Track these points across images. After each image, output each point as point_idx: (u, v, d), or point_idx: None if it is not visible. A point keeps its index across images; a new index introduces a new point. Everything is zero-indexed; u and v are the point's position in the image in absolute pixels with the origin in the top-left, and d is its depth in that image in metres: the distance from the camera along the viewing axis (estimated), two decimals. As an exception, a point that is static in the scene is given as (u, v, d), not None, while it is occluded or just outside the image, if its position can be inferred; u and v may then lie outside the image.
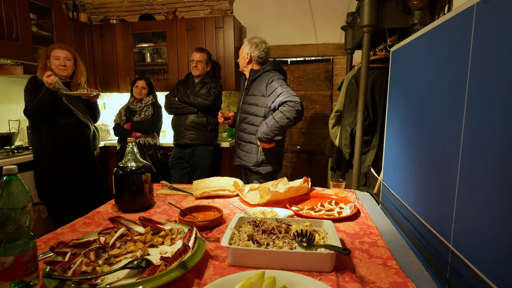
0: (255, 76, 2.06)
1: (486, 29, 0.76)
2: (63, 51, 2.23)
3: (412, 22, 1.85)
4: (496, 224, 0.72)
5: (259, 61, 2.10)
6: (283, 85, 1.95)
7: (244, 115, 2.11)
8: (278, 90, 1.93)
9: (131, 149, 1.23)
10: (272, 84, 1.96)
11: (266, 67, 2.05)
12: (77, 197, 2.35)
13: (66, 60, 2.24)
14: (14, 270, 0.68)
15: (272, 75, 1.99)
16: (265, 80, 2.00)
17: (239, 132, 2.16)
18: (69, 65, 2.26)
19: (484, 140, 0.76)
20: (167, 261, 0.74)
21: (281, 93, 1.91)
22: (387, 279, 0.76)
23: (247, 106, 2.09)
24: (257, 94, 2.04)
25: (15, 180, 0.70)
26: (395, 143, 1.53)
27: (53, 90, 2.16)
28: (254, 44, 2.09)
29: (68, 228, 1.07)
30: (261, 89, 2.01)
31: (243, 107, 2.12)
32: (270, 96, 1.96)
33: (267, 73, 2.02)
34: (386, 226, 1.16)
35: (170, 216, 1.17)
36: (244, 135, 2.11)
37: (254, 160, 2.07)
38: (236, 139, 2.23)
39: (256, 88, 2.05)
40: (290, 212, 1.16)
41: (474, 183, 0.80)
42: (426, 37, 1.16)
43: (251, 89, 2.08)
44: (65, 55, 2.23)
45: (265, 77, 2.01)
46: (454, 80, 0.92)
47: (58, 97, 2.21)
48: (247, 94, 2.10)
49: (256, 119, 2.04)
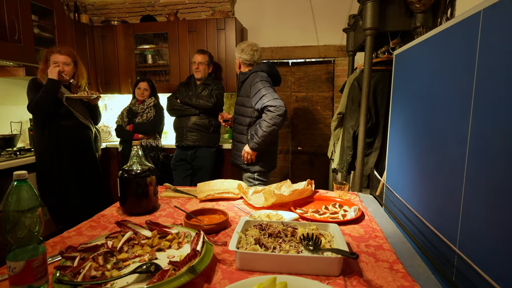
0: (243, 78, 2.19)
1: (492, 35, 0.77)
2: (62, 56, 2.23)
3: (414, 25, 1.86)
4: (503, 227, 0.72)
5: (248, 63, 2.23)
6: (266, 87, 2.01)
7: (235, 115, 2.27)
8: (262, 91, 2.00)
9: (136, 152, 1.23)
10: (256, 85, 2.04)
11: (253, 69, 2.15)
12: (79, 198, 2.36)
13: (65, 65, 2.24)
14: (24, 275, 0.68)
15: (257, 77, 2.08)
16: (249, 82, 2.11)
17: (233, 132, 2.32)
18: (67, 70, 2.26)
19: (491, 143, 0.77)
20: (176, 266, 0.74)
21: (264, 95, 1.99)
22: (394, 283, 0.76)
23: (238, 107, 2.23)
24: (244, 95, 2.16)
25: (25, 185, 0.71)
26: (399, 145, 1.54)
27: (57, 80, 2.16)
28: (240, 49, 2.22)
29: (74, 231, 1.07)
30: (247, 90, 2.12)
31: (235, 109, 2.27)
32: (254, 97, 2.05)
33: (253, 74, 2.12)
34: (390, 229, 1.17)
35: (175, 219, 1.18)
36: (236, 135, 2.25)
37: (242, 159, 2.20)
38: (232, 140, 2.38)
39: (244, 89, 2.18)
40: (295, 215, 1.16)
41: (481, 186, 0.81)
42: (430, 42, 1.16)
43: (241, 91, 2.21)
44: (64, 60, 2.24)
45: (251, 79, 2.12)
46: (460, 85, 0.92)
47: (60, 95, 2.20)
48: (238, 96, 2.26)
49: (244, 119, 2.17)
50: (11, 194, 0.69)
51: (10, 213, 0.68)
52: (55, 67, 2.17)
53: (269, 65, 2.21)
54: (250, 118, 2.13)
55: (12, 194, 0.69)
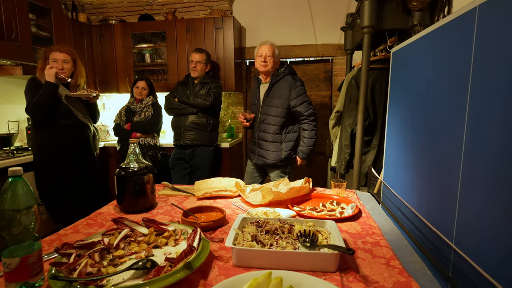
0: (277, 79, 2.22)
1: (488, 30, 0.77)
2: (61, 53, 2.23)
3: (412, 23, 1.86)
4: (498, 223, 0.72)
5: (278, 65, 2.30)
6: (304, 94, 2.19)
7: (264, 116, 2.25)
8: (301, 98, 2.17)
9: (133, 150, 1.23)
10: (297, 89, 2.18)
11: (285, 71, 2.23)
12: (78, 197, 2.35)
13: (64, 63, 2.24)
14: (20, 272, 0.68)
15: (297, 81, 2.21)
16: (288, 84, 2.18)
17: (260, 132, 2.29)
18: (67, 68, 2.25)
19: (487, 140, 0.77)
20: (172, 262, 0.74)
21: (303, 103, 2.17)
22: (391, 278, 0.76)
23: (268, 107, 2.23)
24: (278, 96, 2.20)
25: (20, 181, 0.70)
26: (396, 143, 1.54)
27: (54, 84, 2.16)
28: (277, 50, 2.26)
29: (71, 229, 1.07)
30: (284, 91, 2.18)
31: (264, 109, 2.25)
32: (294, 99, 2.17)
33: (287, 77, 2.21)
34: (387, 226, 1.17)
35: (172, 217, 1.18)
36: (266, 135, 2.26)
37: (277, 157, 2.24)
38: (256, 139, 2.34)
39: (277, 90, 2.21)
40: (292, 213, 1.16)
41: (477, 183, 0.81)
42: (427, 39, 1.16)
43: (272, 91, 2.23)
44: (64, 57, 2.23)
45: (287, 81, 2.19)
46: (456, 82, 0.92)
47: (59, 94, 2.20)
48: (268, 96, 2.24)
49: (275, 119, 2.22)
50: (6, 191, 0.68)
51: (5, 210, 0.67)
52: (52, 68, 2.15)
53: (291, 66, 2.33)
54: (282, 118, 2.20)
55: (7, 191, 0.68)
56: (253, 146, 2.37)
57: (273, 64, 2.22)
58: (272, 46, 2.22)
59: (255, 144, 2.34)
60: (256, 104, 2.34)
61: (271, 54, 2.20)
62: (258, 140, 2.30)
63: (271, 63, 2.20)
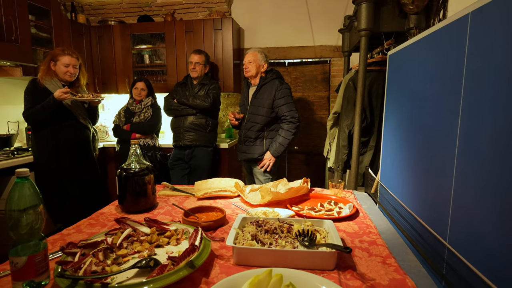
0: (265, 82, 2.39)
1: (480, 36, 0.80)
2: (73, 58, 2.28)
3: (408, 26, 1.89)
4: (490, 222, 0.75)
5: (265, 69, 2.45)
6: (289, 96, 2.34)
7: (251, 115, 2.42)
8: (288, 99, 2.32)
9: (134, 150, 1.25)
10: (283, 91, 2.33)
11: (273, 75, 2.41)
12: (78, 198, 2.36)
13: (74, 68, 2.30)
14: (26, 270, 0.70)
15: (283, 83, 2.37)
16: (275, 87, 2.34)
17: (246, 130, 2.45)
18: (75, 73, 2.32)
19: (479, 142, 0.80)
20: (174, 261, 0.76)
21: (286, 103, 2.30)
22: (387, 276, 0.79)
23: (255, 107, 2.39)
24: (264, 97, 2.36)
25: (27, 182, 0.72)
26: (392, 144, 1.57)
27: (59, 102, 2.18)
28: (264, 55, 2.43)
29: (74, 229, 1.09)
30: (269, 93, 2.34)
31: (251, 109, 2.42)
32: (279, 99, 2.32)
33: (274, 80, 2.38)
34: (384, 225, 1.19)
35: (173, 217, 1.20)
36: (251, 132, 2.42)
37: (260, 151, 2.41)
38: (242, 137, 2.50)
39: (264, 92, 2.37)
40: (291, 212, 1.19)
41: (470, 183, 0.84)
42: (422, 42, 1.19)
43: (260, 92, 2.39)
44: (74, 62, 2.29)
45: (273, 84, 2.36)
46: (450, 85, 0.95)
47: (60, 104, 2.22)
48: (256, 97, 2.40)
49: (260, 118, 2.38)
50: (13, 192, 0.70)
51: (13, 210, 0.69)
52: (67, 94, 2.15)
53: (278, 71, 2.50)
54: (267, 118, 2.36)
55: (14, 192, 0.70)
56: (239, 144, 2.55)
57: (256, 68, 2.39)
58: (255, 52, 2.41)
59: (241, 142, 2.51)
60: (245, 104, 2.51)
61: (252, 60, 2.38)
62: (244, 137, 2.47)
63: (253, 68, 2.38)
